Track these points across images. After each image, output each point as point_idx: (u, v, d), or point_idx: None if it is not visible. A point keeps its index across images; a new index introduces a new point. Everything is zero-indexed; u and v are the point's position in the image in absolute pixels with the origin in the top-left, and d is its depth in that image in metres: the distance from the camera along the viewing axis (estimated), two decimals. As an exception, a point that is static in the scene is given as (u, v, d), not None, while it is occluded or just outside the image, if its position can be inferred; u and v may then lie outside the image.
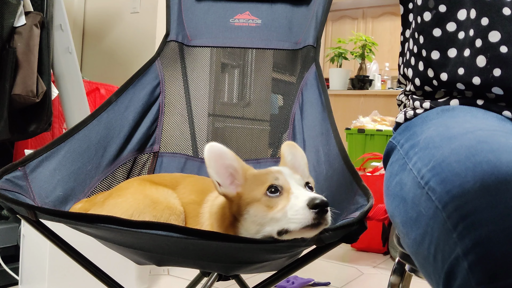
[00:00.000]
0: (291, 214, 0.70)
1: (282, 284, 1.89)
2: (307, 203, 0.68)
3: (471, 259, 0.49)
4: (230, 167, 0.81)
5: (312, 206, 0.68)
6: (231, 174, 0.81)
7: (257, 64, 1.40)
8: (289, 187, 0.75)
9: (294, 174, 0.79)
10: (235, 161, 0.82)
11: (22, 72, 1.66)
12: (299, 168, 0.89)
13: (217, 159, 0.80)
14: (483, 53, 0.75)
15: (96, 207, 0.91)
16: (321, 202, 0.68)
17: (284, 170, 0.79)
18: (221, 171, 0.80)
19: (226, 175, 0.81)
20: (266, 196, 0.75)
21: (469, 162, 0.56)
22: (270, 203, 0.74)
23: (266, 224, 0.74)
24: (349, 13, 6.66)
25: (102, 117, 1.10)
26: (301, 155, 0.90)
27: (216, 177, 0.79)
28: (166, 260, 0.89)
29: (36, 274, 1.52)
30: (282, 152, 0.90)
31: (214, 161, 0.79)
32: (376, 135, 3.23)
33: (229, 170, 0.81)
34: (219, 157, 0.80)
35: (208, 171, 0.79)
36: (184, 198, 0.94)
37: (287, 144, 0.92)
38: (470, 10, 0.77)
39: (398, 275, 1.01)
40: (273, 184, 0.75)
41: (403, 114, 0.87)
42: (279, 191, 0.75)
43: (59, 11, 1.87)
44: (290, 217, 0.70)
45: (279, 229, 0.72)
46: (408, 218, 0.64)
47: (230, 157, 0.81)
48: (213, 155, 0.80)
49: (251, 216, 0.77)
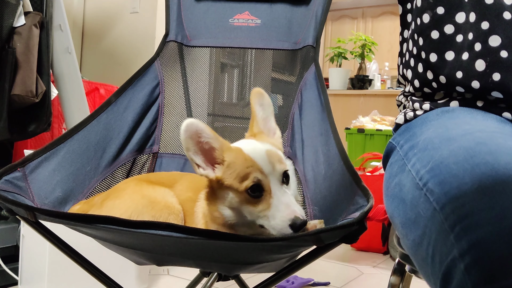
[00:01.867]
0: (274, 224, 0.76)
1: (282, 284, 1.89)
2: (289, 222, 0.74)
3: (467, 260, 0.49)
4: (207, 144, 0.80)
5: (293, 227, 0.74)
6: (209, 151, 0.80)
7: (257, 64, 1.40)
8: (269, 188, 0.78)
9: (274, 168, 0.79)
10: (213, 138, 0.80)
11: (21, 72, 1.66)
12: (267, 120, 0.90)
13: (195, 138, 0.78)
14: (482, 57, 0.74)
15: (94, 208, 0.91)
16: (300, 224, 0.74)
17: (264, 163, 0.78)
18: (200, 150, 0.79)
19: (204, 153, 0.80)
20: (246, 193, 0.78)
21: (467, 164, 0.56)
22: (251, 200, 0.78)
23: (244, 213, 0.79)
24: (349, 12, 6.66)
25: (101, 117, 1.10)
26: (268, 103, 0.90)
27: (196, 159, 0.79)
28: (166, 260, 0.89)
29: (36, 274, 1.52)
30: (253, 106, 0.89)
31: (191, 140, 0.78)
32: (375, 135, 3.23)
33: (206, 147, 0.80)
34: (195, 135, 0.78)
35: (187, 154, 0.78)
36: (181, 196, 0.94)
37: (256, 93, 0.89)
38: (470, 13, 0.77)
39: (398, 275, 1.01)
40: (255, 184, 0.77)
41: (403, 115, 0.87)
42: (261, 191, 0.78)
43: (59, 11, 1.87)
44: (273, 225, 0.76)
45: (259, 224, 0.78)
46: (407, 219, 0.64)
47: (208, 134, 0.79)
48: (190, 134, 0.77)
49: (231, 200, 0.80)
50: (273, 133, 0.91)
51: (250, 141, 0.85)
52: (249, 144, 0.83)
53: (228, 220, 0.81)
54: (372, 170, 2.62)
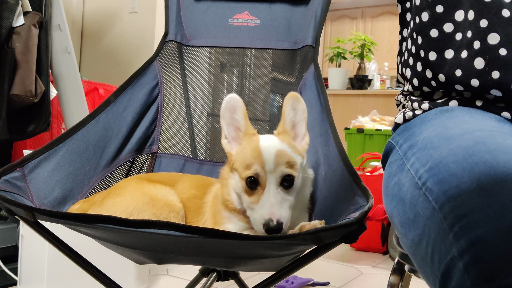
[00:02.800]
0: (253, 218, 0.81)
1: (282, 284, 1.89)
2: (263, 222, 0.78)
3: (466, 259, 0.49)
4: (237, 123, 0.88)
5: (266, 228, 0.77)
6: (236, 129, 0.88)
7: (256, 64, 1.40)
8: (265, 184, 0.81)
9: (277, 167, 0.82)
10: (243, 119, 0.88)
11: (20, 72, 1.66)
12: (298, 124, 0.93)
13: (231, 111, 0.87)
14: (481, 55, 0.74)
15: (94, 207, 0.91)
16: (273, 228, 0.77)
17: (269, 161, 0.82)
18: (231, 123, 0.88)
19: (233, 128, 0.88)
20: (245, 182, 0.82)
21: (466, 163, 0.56)
22: (247, 190, 0.83)
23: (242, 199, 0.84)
24: (348, 12, 6.66)
25: (100, 117, 1.10)
26: (303, 109, 0.93)
27: (226, 129, 0.88)
28: (166, 258, 0.89)
29: (35, 275, 1.51)
30: (284, 107, 0.92)
31: (228, 112, 0.87)
32: (375, 134, 3.23)
33: (235, 124, 0.88)
34: (233, 109, 0.87)
35: (221, 122, 0.87)
36: (184, 194, 0.95)
37: (291, 96, 0.92)
38: (468, 11, 0.77)
39: (398, 275, 1.01)
40: (253, 176, 0.81)
41: (402, 115, 0.87)
42: (257, 184, 0.82)
43: (58, 11, 1.87)
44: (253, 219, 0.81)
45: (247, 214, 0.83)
46: (406, 219, 0.64)
47: (240, 114, 0.88)
48: (229, 106, 0.87)
49: (236, 184, 0.85)
50: (302, 139, 0.93)
51: (272, 137, 0.89)
52: (269, 139, 0.87)
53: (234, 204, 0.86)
54: (371, 170, 2.62)
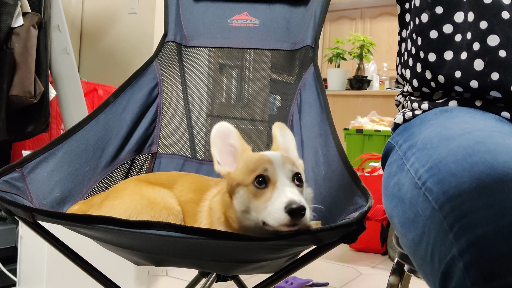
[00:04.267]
0: (270, 210, 0.73)
1: (281, 284, 1.89)
2: (284, 205, 0.70)
3: (466, 259, 0.49)
4: (232, 147, 0.86)
5: (288, 210, 0.70)
6: (232, 153, 0.86)
7: (255, 65, 1.40)
8: (275, 179, 0.76)
9: (284, 164, 0.79)
10: (238, 141, 0.87)
11: (19, 73, 1.66)
12: (289, 150, 0.92)
13: (223, 138, 0.86)
14: (480, 57, 0.74)
15: (93, 209, 0.90)
16: (296, 208, 0.69)
17: (276, 159, 0.79)
18: (224, 149, 0.86)
19: (228, 153, 0.86)
20: (253, 185, 0.77)
21: (465, 163, 0.56)
22: (256, 192, 0.77)
23: (251, 210, 0.77)
24: (347, 13, 6.67)
25: (100, 118, 1.10)
26: (290, 136, 0.94)
27: (218, 156, 0.85)
28: (165, 260, 0.89)
29: (34, 276, 1.51)
30: (274, 133, 0.93)
31: (219, 139, 0.85)
32: (374, 135, 3.23)
33: (231, 149, 0.86)
34: (225, 136, 0.86)
35: (211, 150, 0.85)
36: (181, 197, 0.94)
37: (278, 125, 0.94)
38: (468, 13, 0.77)
39: (397, 275, 1.01)
40: (261, 174, 0.77)
41: (402, 115, 0.87)
42: (266, 182, 0.77)
43: (57, 11, 1.86)
44: (269, 212, 0.73)
45: (261, 219, 0.74)
46: (406, 219, 0.64)
47: (234, 137, 0.86)
48: (220, 134, 0.85)
49: (240, 198, 0.79)
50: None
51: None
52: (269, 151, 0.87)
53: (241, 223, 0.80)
54: (370, 170, 2.62)
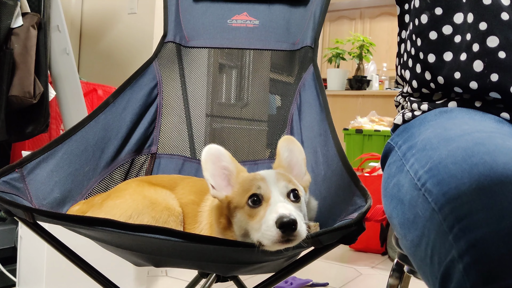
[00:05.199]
0: (263, 229, 0.70)
1: (281, 285, 1.89)
2: (275, 221, 0.68)
3: (466, 261, 0.49)
4: (226, 169, 0.83)
5: (279, 225, 0.68)
6: (227, 176, 0.82)
7: (255, 65, 1.40)
8: (269, 197, 0.75)
9: (279, 181, 0.77)
10: (231, 163, 0.83)
11: (19, 73, 1.66)
12: (296, 165, 0.89)
13: (215, 161, 0.81)
14: (480, 58, 0.74)
15: (94, 208, 0.91)
16: (287, 222, 0.67)
17: (269, 177, 0.78)
18: (217, 173, 0.82)
19: (222, 177, 0.82)
20: (247, 205, 0.76)
21: (465, 164, 0.56)
22: (251, 212, 0.75)
23: (248, 232, 0.76)
24: (347, 13, 6.67)
25: (99, 118, 1.10)
26: (299, 150, 0.90)
27: (211, 180, 0.81)
28: (164, 261, 0.89)
29: (34, 276, 1.51)
30: (279, 148, 0.90)
31: (211, 163, 0.81)
32: (374, 135, 3.23)
33: (224, 172, 0.82)
34: (216, 159, 0.82)
35: (204, 174, 0.80)
36: (182, 199, 0.94)
37: (285, 139, 0.91)
38: (468, 14, 0.77)
39: (397, 276, 1.01)
40: (254, 193, 0.76)
41: (401, 116, 0.87)
42: (260, 200, 0.75)
43: (56, 12, 1.86)
44: (263, 232, 0.70)
45: (257, 240, 0.72)
46: (406, 220, 0.64)
47: (227, 160, 0.83)
48: (211, 157, 0.81)
49: (238, 221, 0.78)
50: (301, 178, 0.89)
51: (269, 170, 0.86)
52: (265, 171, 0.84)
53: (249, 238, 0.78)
54: (370, 170, 2.62)
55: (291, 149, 0.90)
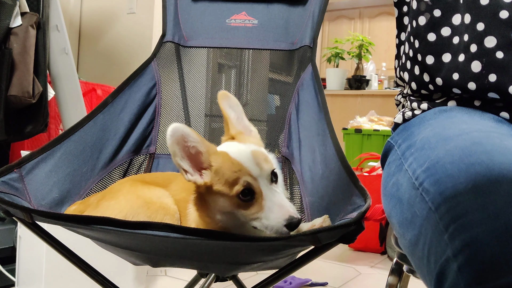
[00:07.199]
0: (266, 223, 0.75)
1: (280, 284, 1.89)
2: (285, 223, 0.74)
3: (460, 260, 0.49)
4: (193, 149, 0.78)
5: (287, 225, 0.73)
6: (195, 155, 0.78)
7: (254, 65, 1.40)
8: (261, 191, 0.76)
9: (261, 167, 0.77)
10: (199, 142, 0.78)
11: (18, 73, 1.66)
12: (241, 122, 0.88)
13: (181, 142, 0.76)
14: (478, 59, 0.74)
15: (90, 209, 0.90)
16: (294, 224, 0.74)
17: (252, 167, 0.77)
18: (185, 154, 0.77)
19: (190, 157, 0.78)
20: (237, 198, 0.76)
21: (462, 164, 0.56)
22: (242, 204, 0.77)
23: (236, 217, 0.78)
24: (346, 13, 6.67)
25: (98, 118, 1.09)
26: (236, 103, 0.89)
27: (183, 164, 0.77)
28: (163, 261, 0.89)
29: (33, 276, 1.51)
30: (223, 109, 0.87)
31: (177, 145, 0.76)
32: (373, 135, 3.23)
33: (192, 152, 0.78)
34: (181, 140, 0.76)
35: (174, 160, 0.76)
36: (176, 196, 0.93)
37: (223, 96, 0.88)
38: (465, 14, 0.76)
39: (396, 275, 1.01)
40: (245, 188, 0.76)
41: (401, 115, 0.87)
42: (252, 194, 0.76)
43: (55, 11, 1.86)
44: (266, 226, 0.75)
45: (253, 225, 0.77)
46: (404, 219, 0.64)
47: (194, 138, 0.77)
48: (176, 139, 0.75)
49: (222, 205, 0.78)
50: (249, 131, 0.89)
51: (233, 143, 0.83)
52: (233, 146, 0.81)
53: (220, 223, 0.80)
54: (369, 170, 2.62)
55: (231, 106, 0.88)
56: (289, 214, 0.74)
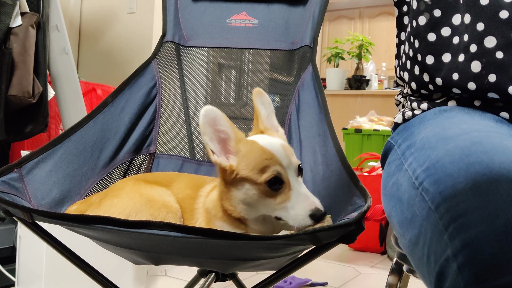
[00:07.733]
0: (293, 214, 0.77)
1: (280, 284, 1.89)
2: (310, 213, 0.76)
3: (460, 260, 0.49)
4: (223, 133, 0.81)
5: (313, 218, 0.76)
6: (224, 140, 0.82)
7: (254, 65, 1.40)
8: (289, 181, 0.79)
9: (290, 160, 0.80)
10: (229, 127, 0.82)
11: (18, 73, 1.66)
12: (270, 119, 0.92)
13: (212, 125, 0.80)
14: (478, 59, 0.74)
15: (92, 208, 0.90)
16: (320, 216, 0.76)
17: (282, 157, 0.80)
18: (215, 137, 0.81)
19: (219, 142, 0.81)
20: (266, 186, 0.78)
21: (462, 163, 0.56)
22: (269, 193, 0.79)
23: (260, 206, 0.79)
24: (346, 13, 6.67)
25: (98, 118, 1.09)
26: (268, 102, 0.92)
27: (211, 145, 0.80)
28: (164, 259, 0.89)
29: (33, 276, 1.51)
30: (255, 105, 0.90)
31: (209, 126, 0.80)
32: (373, 135, 3.23)
33: (222, 136, 0.81)
34: (213, 122, 0.80)
35: (203, 138, 0.80)
36: (179, 194, 0.94)
37: (257, 93, 0.91)
38: (465, 15, 0.76)
39: (396, 275, 1.01)
40: (275, 176, 0.78)
41: (402, 115, 0.87)
42: (281, 183, 0.79)
43: (55, 11, 1.86)
44: (292, 217, 0.77)
45: (276, 216, 0.79)
46: (404, 219, 0.64)
47: (225, 123, 0.81)
48: (208, 120, 0.79)
49: (247, 192, 0.80)
50: (276, 131, 0.93)
51: (263, 136, 0.87)
52: (263, 138, 0.85)
53: (241, 214, 0.82)
54: (369, 170, 2.62)
55: (264, 103, 0.92)
56: (315, 205, 0.76)
